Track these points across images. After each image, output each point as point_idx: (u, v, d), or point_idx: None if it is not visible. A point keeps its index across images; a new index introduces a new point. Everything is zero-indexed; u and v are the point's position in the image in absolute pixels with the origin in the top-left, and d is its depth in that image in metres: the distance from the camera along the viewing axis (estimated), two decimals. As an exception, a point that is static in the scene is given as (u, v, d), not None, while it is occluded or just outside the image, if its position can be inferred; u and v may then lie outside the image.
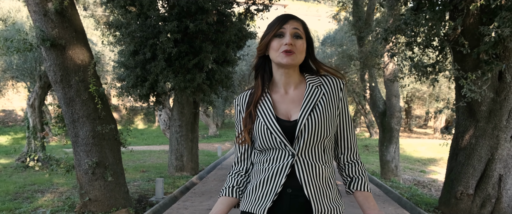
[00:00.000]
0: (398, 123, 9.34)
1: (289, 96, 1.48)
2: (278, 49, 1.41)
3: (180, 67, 7.94)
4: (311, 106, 1.42)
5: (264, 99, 1.49)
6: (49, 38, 4.87)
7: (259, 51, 1.49)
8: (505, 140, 5.22)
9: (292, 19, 1.45)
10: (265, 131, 1.42)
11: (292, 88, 1.49)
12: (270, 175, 1.43)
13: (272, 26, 1.45)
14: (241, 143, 1.52)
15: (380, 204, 6.24)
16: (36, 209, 5.43)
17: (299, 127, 1.38)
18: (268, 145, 1.44)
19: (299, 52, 1.43)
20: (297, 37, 1.43)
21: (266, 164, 1.46)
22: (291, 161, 1.40)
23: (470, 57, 4.87)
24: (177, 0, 7.63)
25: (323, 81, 1.49)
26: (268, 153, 1.46)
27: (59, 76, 5.06)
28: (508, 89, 5.09)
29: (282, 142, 1.40)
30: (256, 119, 1.46)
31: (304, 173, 1.40)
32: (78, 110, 5.14)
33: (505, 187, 5.25)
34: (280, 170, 1.41)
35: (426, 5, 4.79)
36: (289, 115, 1.44)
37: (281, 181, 1.40)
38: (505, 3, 4.20)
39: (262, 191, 1.44)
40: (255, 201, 1.45)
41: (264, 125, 1.43)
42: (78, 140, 5.22)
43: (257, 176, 1.49)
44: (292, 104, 1.46)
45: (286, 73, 1.48)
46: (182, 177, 8.71)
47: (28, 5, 4.98)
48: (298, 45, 1.43)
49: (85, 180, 5.23)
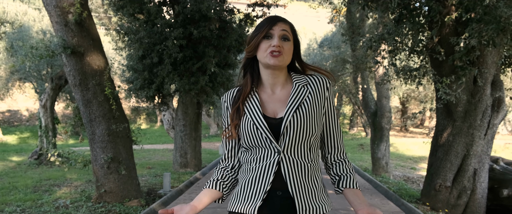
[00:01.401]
0: (388, 123, 9.84)
1: (276, 96, 1.50)
2: (266, 50, 1.42)
3: (184, 70, 8.43)
4: (297, 104, 1.43)
5: (252, 97, 1.50)
6: (70, 46, 5.38)
7: (248, 52, 1.50)
8: (479, 138, 5.72)
9: (280, 21, 1.46)
10: (251, 127, 1.43)
11: (279, 88, 1.51)
12: (258, 174, 1.44)
13: (260, 28, 1.45)
14: (228, 137, 1.52)
15: (368, 196, 6.75)
16: (56, 200, 5.93)
17: (285, 123, 1.40)
18: (254, 143, 1.44)
19: (286, 54, 1.44)
20: (285, 40, 1.44)
21: (253, 163, 1.46)
22: (277, 158, 1.41)
23: (447, 64, 5.38)
24: (182, 9, 8.13)
25: (309, 80, 1.50)
26: (254, 151, 1.46)
27: (78, 80, 5.57)
28: (481, 92, 5.60)
29: (268, 137, 1.40)
30: (243, 115, 1.47)
31: (289, 171, 1.41)
32: (95, 110, 5.65)
33: (479, 180, 5.76)
34: (267, 168, 1.42)
35: (407, 17, 5.29)
36: (275, 113, 1.46)
37: (269, 179, 1.41)
38: (474, 16, 4.70)
39: (251, 190, 1.44)
40: (244, 200, 1.45)
41: (251, 120, 1.44)
42: (94, 138, 5.73)
43: (244, 175, 1.49)
44: (278, 103, 1.48)
45: (272, 74, 1.49)
46: (186, 172, 9.21)
47: (51, 16, 5.49)
48: (286, 47, 1.44)
49: (101, 174, 5.74)
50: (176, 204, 5.96)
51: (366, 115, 10.58)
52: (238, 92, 1.54)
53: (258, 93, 1.51)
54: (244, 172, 1.50)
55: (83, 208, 5.33)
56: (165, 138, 22.66)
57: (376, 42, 5.52)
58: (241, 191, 1.47)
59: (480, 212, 5.78)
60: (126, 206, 5.52)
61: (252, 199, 1.43)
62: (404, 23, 5.23)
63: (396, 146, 18.98)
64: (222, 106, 1.59)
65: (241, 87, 1.55)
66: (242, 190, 1.47)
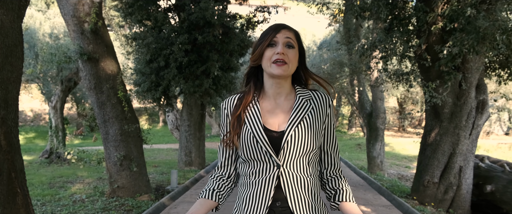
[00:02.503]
0: (383, 123, 10.24)
1: (278, 107, 1.47)
2: (270, 59, 1.40)
3: (189, 74, 8.84)
4: (299, 118, 1.41)
5: (253, 106, 1.47)
6: (86, 52, 5.79)
7: (253, 61, 1.47)
8: (464, 137, 6.11)
9: (284, 29, 1.44)
10: (251, 139, 1.40)
11: (282, 99, 1.47)
12: (258, 189, 1.41)
13: (265, 36, 1.43)
14: (227, 145, 1.49)
15: (362, 192, 7.15)
16: (72, 195, 6.32)
17: (286, 138, 1.38)
18: (253, 155, 1.41)
19: (291, 62, 1.41)
20: (289, 47, 1.41)
21: (253, 177, 1.43)
22: (277, 173, 1.39)
23: (433, 69, 5.77)
24: (187, 15, 8.54)
25: (313, 96, 1.48)
26: (253, 164, 1.43)
27: (93, 84, 5.97)
28: (466, 95, 5.99)
29: (268, 152, 1.38)
30: (243, 126, 1.44)
31: (289, 185, 1.39)
32: (109, 111, 6.05)
33: (464, 177, 6.15)
34: (267, 183, 1.40)
35: (397, 26, 5.69)
36: (276, 126, 1.43)
37: (270, 194, 1.39)
38: (457, 26, 5.10)
39: (253, 206, 1.42)
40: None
41: (251, 133, 1.41)
42: (108, 137, 6.13)
43: (244, 190, 1.47)
44: (281, 114, 1.45)
45: (277, 83, 1.45)
46: (191, 170, 9.61)
47: (68, 25, 5.89)
48: (290, 55, 1.41)
49: (114, 170, 6.14)
50: (183, 199, 6.37)
51: (362, 115, 10.98)
52: (239, 100, 1.50)
53: (260, 103, 1.48)
54: (244, 186, 1.47)
55: (99, 202, 5.73)
56: (168, 138, 23.03)
57: (368, 49, 5.92)
58: (243, 206, 1.45)
59: (465, 207, 6.18)
60: (137, 200, 5.91)
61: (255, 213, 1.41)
62: (394, 31, 5.63)
63: (392, 146, 19.38)
64: (221, 113, 1.55)
65: (242, 94, 1.52)
66: (243, 205, 1.45)
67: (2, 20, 3.13)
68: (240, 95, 1.52)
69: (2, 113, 3.12)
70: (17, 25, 3.32)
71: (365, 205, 6.06)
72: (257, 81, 1.52)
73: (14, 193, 3.14)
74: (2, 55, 3.12)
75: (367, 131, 10.71)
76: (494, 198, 6.26)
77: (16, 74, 3.31)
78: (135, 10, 8.59)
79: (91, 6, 5.74)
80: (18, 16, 3.34)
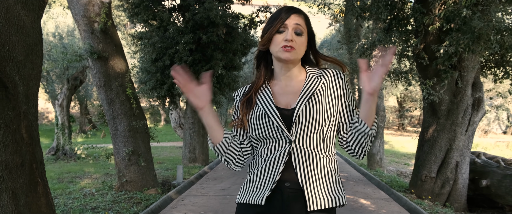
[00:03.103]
0: (382, 121, 10.41)
1: (289, 88, 1.47)
2: (279, 44, 1.40)
3: (194, 72, 9.01)
4: (310, 94, 1.40)
5: (264, 89, 1.48)
6: (96, 51, 5.97)
7: (262, 45, 1.46)
8: (461, 133, 6.29)
9: (294, 14, 1.42)
10: (263, 116, 1.41)
11: (292, 81, 1.48)
12: (268, 164, 1.41)
13: (274, 20, 1.42)
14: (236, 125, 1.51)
15: (362, 186, 7.33)
16: (82, 189, 6.51)
17: (297, 112, 1.37)
18: (265, 133, 1.41)
19: (299, 48, 1.41)
20: (298, 34, 1.41)
21: (264, 154, 1.44)
22: (288, 148, 1.37)
23: (431, 67, 5.95)
24: (192, 16, 8.71)
25: (323, 73, 1.47)
26: (265, 143, 1.44)
27: (103, 81, 6.16)
28: (463, 92, 6.17)
29: (280, 127, 1.38)
30: (255, 106, 1.46)
31: (300, 161, 1.38)
32: (117, 108, 6.24)
33: (460, 171, 6.33)
34: (277, 158, 1.39)
35: (396, 26, 5.87)
36: (288, 105, 1.44)
37: (279, 169, 1.38)
38: (454, 26, 5.27)
39: (260, 181, 1.42)
40: (253, 191, 1.43)
41: (263, 110, 1.42)
42: (117, 133, 6.32)
43: (255, 167, 1.47)
44: (291, 94, 1.45)
45: (285, 67, 1.46)
46: (195, 166, 9.80)
47: (79, 25, 6.08)
48: (299, 41, 1.41)
49: (122, 165, 6.33)
50: (189, 193, 6.56)
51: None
52: (250, 87, 1.53)
53: (270, 86, 1.49)
54: (254, 164, 1.47)
55: (108, 195, 5.92)
56: (170, 136, 23.20)
57: (368, 48, 6.10)
58: (250, 182, 1.46)
59: (461, 200, 6.36)
60: (145, 194, 6.10)
61: (261, 189, 1.41)
62: (393, 31, 5.81)
63: (392, 144, 19.55)
64: (234, 100, 1.57)
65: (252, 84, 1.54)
66: (250, 181, 1.46)
67: (24, 21, 3.31)
68: (251, 85, 1.54)
69: (23, 108, 3.30)
70: (37, 25, 3.51)
71: (365, 198, 6.25)
72: (266, 65, 1.53)
73: (35, 183, 3.33)
74: (23, 54, 3.30)
75: (367, 128, 10.86)
76: (489, 193, 6.44)
77: (36, 71, 3.50)
78: (141, 10, 8.78)
79: (101, 6, 5.93)
80: (38, 16, 3.53)
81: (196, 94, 1.45)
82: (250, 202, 1.42)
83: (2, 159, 3.00)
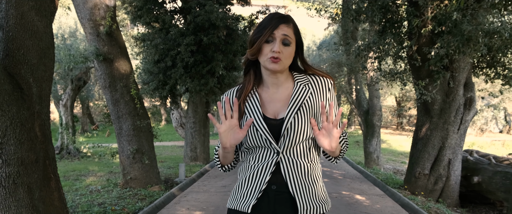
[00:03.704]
0: (379, 120, 10.62)
1: (277, 95, 1.48)
2: (267, 55, 1.40)
3: (195, 73, 9.22)
4: (298, 105, 1.41)
5: (252, 96, 1.48)
6: (101, 53, 6.17)
7: (251, 55, 1.45)
8: (453, 132, 6.49)
9: (283, 24, 1.42)
10: (251, 128, 1.42)
11: (280, 88, 1.49)
12: (255, 173, 1.44)
13: (263, 29, 1.41)
14: None
15: (358, 183, 7.53)
16: (88, 186, 6.71)
17: (285, 125, 1.39)
18: (254, 143, 1.44)
19: (285, 59, 1.42)
20: (285, 44, 1.41)
21: (252, 161, 1.47)
22: (276, 159, 1.41)
23: (423, 68, 6.15)
24: (193, 18, 8.91)
25: (311, 80, 1.48)
26: (254, 151, 1.46)
27: (108, 82, 6.35)
28: (455, 92, 6.36)
29: (268, 139, 1.40)
30: (243, 116, 1.46)
31: (289, 171, 1.41)
32: (122, 108, 6.43)
33: (453, 168, 6.53)
34: (265, 168, 1.42)
35: (390, 29, 6.07)
36: (276, 114, 1.45)
37: (265, 179, 1.41)
38: (445, 29, 5.47)
39: (248, 188, 1.45)
40: (241, 198, 1.46)
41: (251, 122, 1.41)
42: (121, 132, 6.51)
43: (243, 174, 1.50)
44: (279, 103, 1.46)
45: (273, 75, 1.47)
46: (196, 165, 10.00)
47: (85, 28, 6.28)
48: (286, 52, 1.42)
49: (127, 163, 6.53)
50: (192, 190, 6.76)
51: (359, 113, 11.38)
52: (238, 91, 1.52)
53: (259, 92, 1.50)
54: (243, 170, 1.51)
55: (113, 192, 6.12)
56: (171, 136, 23.39)
57: (364, 50, 6.30)
58: (239, 189, 1.49)
59: (454, 196, 6.55)
60: (149, 190, 6.30)
61: (248, 197, 1.44)
62: (387, 34, 6.00)
63: (389, 143, 19.77)
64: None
65: (241, 86, 1.54)
66: (239, 188, 1.49)
67: (37, 26, 3.51)
68: (240, 87, 1.54)
69: (37, 108, 3.50)
70: (49, 30, 3.71)
71: (360, 194, 6.45)
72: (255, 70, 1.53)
73: (49, 178, 3.53)
74: (37, 57, 3.50)
75: (364, 127, 11.10)
76: (481, 189, 6.64)
77: (49, 73, 3.70)
78: (144, 13, 8.98)
79: (106, 10, 6.12)
80: (49, 21, 3.73)
81: (228, 133, 1.39)
82: (238, 209, 1.46)
83: (18, 156, 3.19)
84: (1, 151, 3.11)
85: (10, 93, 3.17)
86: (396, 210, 5.40)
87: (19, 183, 3.20)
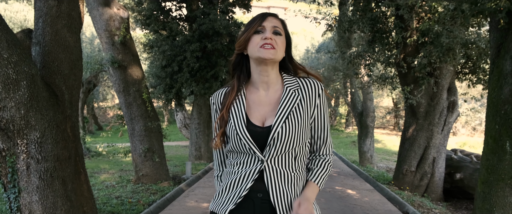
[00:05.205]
0: (372, 121, 11.12)
1: (266, 98, 1.41)
2: (258, 44, 1.33)
3: (200, 77, 9.74)
4: (287, 112, 1.34)
5: (238, 100, 1.40)
6: (116, 61, 6.68)
7: (239, 47, 1.40)
8: (437, 133, 6.99)
9: (271, 16, 1.39)
10: (234, 135, 1.36)
11: (269, 89, 1.42)
12: (238, 179, 1.38)
13: (251, 23, 1.37)
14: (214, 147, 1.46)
15: (350, 180, 8.04)
16: (103, 182, 7.22)
17: (273, 134, 1.32)
18: (237, 148, 1.37)
19: (279, 48, 1.35)
20: (276, 34, 1.36)
21: (236, 167, 1.40)
22: (259, 167, 1.34)
23: (410, 75, 6.65)
24: (198, 26, 9.43)
25: (301, 85, 1.40)
26: (239, 156, 1.39)
27: (122, 87, 6.86)
28: (439, 96, 6.87)
29: (251, 148, 1.33)
30: (228, 122, 1.39)
31: (272, 180, 1.34)
32: (135, 111, 6.94)
33: (437, 166, 7.03)
34: (247, 175, 1.36)
35: (378, 39, 6.58)
36: (263, 120, 1.38)
37: (246, 186, 1.35)
38: (427, 40, 5.98)
39: (229, 193, 1.39)
40: (221, 202, 1.40)
41: (234, 129, 1.36)
42: (134, 133, 7.02)
43: (227, 178, 1.44)
44: (268, 107, 1.39)
45: (264, 71, 1.38)
46: (200, 163, 10.51)
47: (101, 38, 6.79)
48: (278, 41, 1.35)
49: (139, 161, 7.03)
50: (198, 185, 7.27)
51: (353, 114, 11.88)
52: (225, 95, 1.45)
53: (246, 95, 1.42)
54: (227, 174, 1.44)
55: (127, 187, 6.63)
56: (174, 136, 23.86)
57: (355, 57, 6.81)
58: (221, 193, 1.42)
59: (438, 192, 7.06)
60: (159, 186, 6.80)
61: (227, 202, 1.38)
62: (376, 43, 6.51)
63: (384, 143, 20.26)
64: (211, 107, 1.51)
65: (229, 88, 1.46)
66: (221, 192, 1.42)
67: (69, 41, 4.03)
68: (227, 89, 1.47)
69: (68, 112, 4.01)
70: (78, 44, 4.21)
71: (352, 189, 6.95)
72: (241, 74, 1.46)
73: (79, 172, 4.04)
74: (68, 68, 4.01)
75: (359, 128, 11.60)
76: (463, 185, 7.14)
77: (78, 82, 4.21)
78: (152, 21, 9.51)
79: (121, 22, 6.64)
80: (78, 37, 4.24)
81: None
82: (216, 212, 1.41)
83: (54, 153, 3.69)
84: (41, 149, 3.60)
85: (47, 100, 3.67)
86: (383, 202, 5.91)
87: (55, 176, 3.70)
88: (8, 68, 3.21)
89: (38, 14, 3.88)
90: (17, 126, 3.39)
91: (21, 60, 3.29)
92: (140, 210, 5.06)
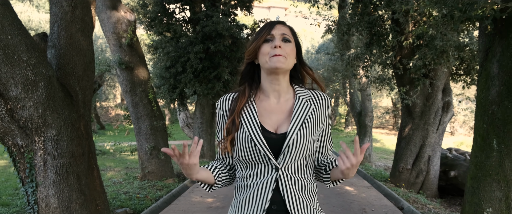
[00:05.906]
0: (370, 121, 11.33)
1: (277, 106, 1.39)
2: (268, 53, 1.33)
3: (203, 78, 9.95)
4: (301, 120, 1.33)
5: (249, 107, 1.37)
6: (123, 62, 6.89)
7: (248, 56, 1.40)
8: (432, 132, 7.19)
9: (279, 24, 1.39)
10: (249, 142, 1.31)
11: (280, 97, 1.40)
12: (256, 191, 1.33)
13: (260, 32, 1.37)
14: (222, 150, 1.38)
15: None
16: (110, 179, 7.43)
17: (288, 141, 1.30)
18: (250, 158, 1.33)
19: (289, 56, 1.34)
20: (286, 41, 1.35)
21: (250, 179, 1.35)
22: (275, 175, 1.31)
23: (406, 76, 6.86)
24: (201, 28, 9.64)
25: (312, 96, 1.40)
26: (250, 166, 1.35)
27: (129, 87, 7.07)
28: (434, 97, 7.07)
29: (266, 155, 1.30)
30: (239, 128, 1.34)
31: (288, 188, 1.32)
32: (141, 110, 7.16)
33: (432, 164, 7.23)
34: (265, 186, 1.32)
35: (375, 42, 6.78)
36: (276, 127, 1.35)
37: (268, 197, 1.31)
38: (422, 43, 6.19)
39: (250, 208, 1.34)
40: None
41: (248, 135, 1.32)
42: (140, 131, 7.23)
43: (241, 193, 1.38)
44: (280, 115, 1.37)
45: (275, 80, 1.37)
46: (203, 162, 10.73)
47: (109, 40, 7.00)
48: (288, 49, 1.35)
49: (145, 158, 7.25)
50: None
51: (352, 114, 12.10)
52: (234, 101, 1.41)
53: (256, 103, 1.40)
54: (240, 189, 1.39)
55: (134, 183, 6.84)
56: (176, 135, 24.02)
57: (354, 59, 7.03)
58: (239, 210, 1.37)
59: (433, 189, 7.26)
60: (165, 182, 7.01)
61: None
62: (373, 46, 6.72)
63: (383, 142, 20.47)
64: (217, 113, 1.46)
65: (236, 94, 1.43)
66: (240, 208, 1.36)
67: (82, 44, 4.24)
68: (235, 96, 1.44)
69: (82, 111, 4.22)
70: (91, 47, 4.42)
71: (350, 185, 7.16)
72: (252, 82, 1.45)
73: (92, 168, 4.25)
74: (82, 70, 4.22)
75: (357, 127, 11.82)
76: (457, 182, 7.34)
77: (90, 83, 4.42)
78: (157, 23, 9.72)
79: (128, 25, 6.85)
80: (91, 40, 4.45)
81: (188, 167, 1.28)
82: None
83: (70, 150, 3.90)
84: (57, 146, 3.81)
85: (63, 99, 3.88)
86: (379, 198, 6.12)
87: (70, 172, 3.91)
88: (27, 70, 3.41)
89: (54, 19, 4.09)
90: (35, 124, 3.59)
91: (39, 63, 3.49)
92: (148, 205, 5.27)
